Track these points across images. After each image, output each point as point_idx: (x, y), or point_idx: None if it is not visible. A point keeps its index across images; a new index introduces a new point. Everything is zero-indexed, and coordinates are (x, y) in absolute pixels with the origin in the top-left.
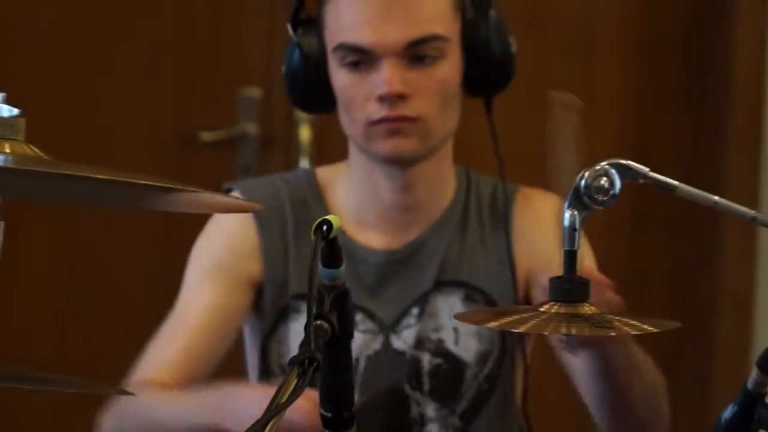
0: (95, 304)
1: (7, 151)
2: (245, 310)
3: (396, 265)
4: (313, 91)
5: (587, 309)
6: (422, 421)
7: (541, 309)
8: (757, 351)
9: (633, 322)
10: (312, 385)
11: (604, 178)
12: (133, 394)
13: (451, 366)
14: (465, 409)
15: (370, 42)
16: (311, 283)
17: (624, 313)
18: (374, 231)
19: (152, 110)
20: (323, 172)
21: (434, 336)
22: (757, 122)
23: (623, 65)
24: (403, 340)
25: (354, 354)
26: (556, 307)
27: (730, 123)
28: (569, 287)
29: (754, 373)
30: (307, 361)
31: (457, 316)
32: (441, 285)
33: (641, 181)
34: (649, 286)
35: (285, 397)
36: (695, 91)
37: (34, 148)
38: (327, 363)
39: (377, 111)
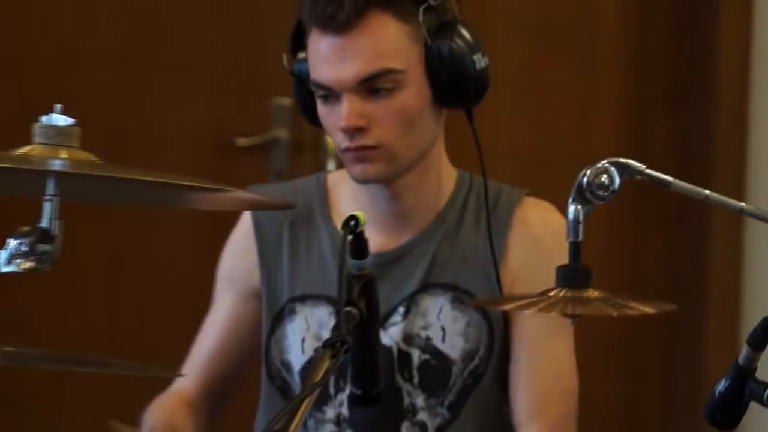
0: (143, 298)
1: (64, 156)
2: (254, 319)
3: (386, 266)
4: (311, 111)
5: (591, 293)
6: (413, 410)
7: (550, 294)
8: (745, 332)
9: (633, 304)
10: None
11: (605, 176)
12: (181, 376)
13: (438, 362)
14: (452, 401)
15: (328, 79)
16: (341, 272)
17: (625, 297)
18: (370, 233)
19: (193, 119)
20: (332, 177)
21: (423, 333)
22: (741, 122)
23: (619, 72)
24: (390, 336)
25: None
26: (563, 292)
27: (717, 123)
28: (574, 275)
29: (744, 350)
30: (338, 344)
31: (474, 304)
32: (428, 287)
33: (638, 177)
34: (645, 276)
35: (319, 376)
36: (685, 95)
37: (88, 153)
38: (356, 345)
39: (342, 141)
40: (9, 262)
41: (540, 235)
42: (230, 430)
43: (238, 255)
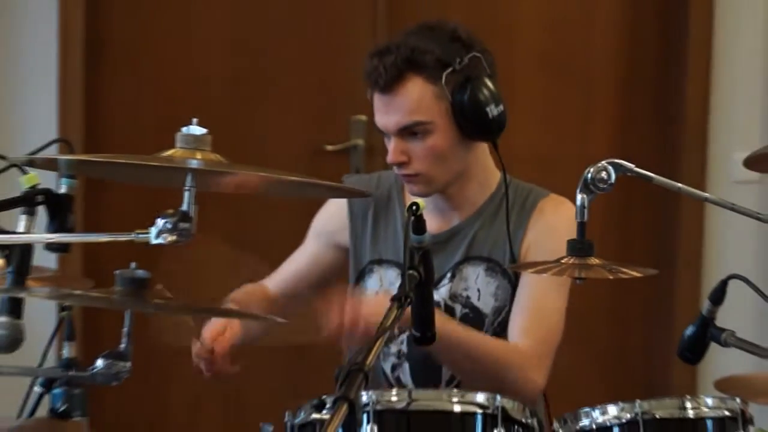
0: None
1: (199, 157)
2: (328, 264)
3: (439, 243)
4: None
5: (592, 261)
6: None
7: (562, 261)
8: (706, 291)
9: (625, 269)
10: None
11: (604, 172)
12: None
13: (474, 315)
14: None
15: (380, 125)
16: (406, 245)
17: (618, 264)
18: (429, 218)
19: (293, 129)
20: None
21: (464, 293)
22: (703, 133)
23: (611, 93)
24: (439, 294)
25: None
26: (572, 260)
27: (685, 134)
28: (580, 246)
29: (706, 304)
30: (403, 298)
31: (510, 268)
32: (469, 259)
33: (629, 174)
34: (631, 248)
35: (389, 323)
36: (662, 112)
37: (216, 155)
38: (416, 299)
39: (396, 169)
40: (158, 236)
41: (550, 219)
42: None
43: (331, 217)
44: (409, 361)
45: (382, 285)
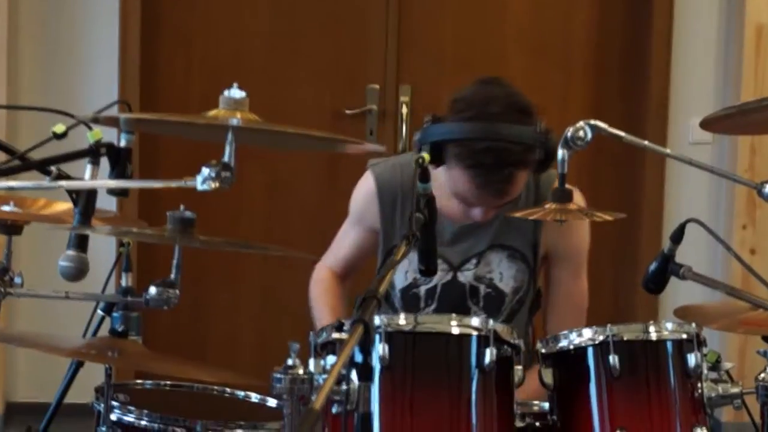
0: (286, 209)
1: (239, 116)
2: (370, 244)
3: (465, 233)
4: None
5: (571, 206)
6: None
7: (546, 207)
8: (667, 232)
9: (598, 213)
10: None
11: (582, 131)
12: (315, 257)
13: (496, 294)
14: (504, 319)
15: (476, 203)
16: (414, 190)
17: (592, 209)
18: (456, 208)
19: (320, 96)
20: None
21: (488, 276)
22: (664, 103)
23: (587, 73)
24: (465, 276)
25: (434, 281)
26: (554, 206)
27: (648, 103)
28: (561, 194)
29: (668, 243)
30: (411, 236)
31: (507, 215)
32: (493, 247)
33: (602, 133)
34: (603, 198)
35: (398, 256)
36: (628, 89)
37: (254, 115)
38: (422, 237)
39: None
40: (203, 183)
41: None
42: None
43: (366, 205)
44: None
45: (411, 264)
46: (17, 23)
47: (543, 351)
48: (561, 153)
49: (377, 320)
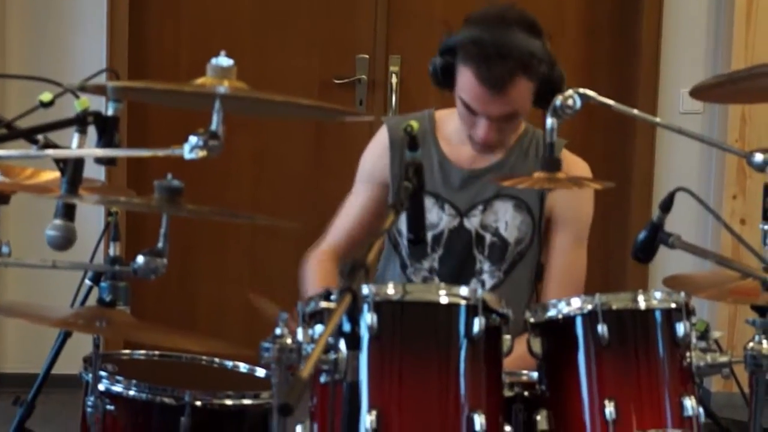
0: (274, 178)
1: (226, 85)
2: (382, 200)
3: (473, 178)
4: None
5: (560, 175)
6: (481, 271)
7: (535, 175)
8: (656, 202)
9: (587, 182)
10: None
11: (570, 99)
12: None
13: (501, 242)
14: (506, 268)
15: (479, 111)
16: (401, 160)
17: (581, 178)
18: (466, 154)
19: (309, 66)
20: (440, 113)
21: (494, 224)
22: (655, 72)
23: (579, 45)
24: (471, 223)
25: (441, 227)
26: (543, 174)
27: (639, 72)
28: (549, 162)
29: (657, 212)
30: (398, 205)
31: (496, 179)
32: (499, 195)
33: (591, 101)
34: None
35: (386, 225)
36: (620, 54)
37: (241, 83)
38: (410, 206)
39: (476, 136)
40: (190, 151)
41: (572, 168)
42: None
43: (377, 159)
44: (439, 276)
45: None
46: None
47: (532, 320)
48: (550, 121)
49: (365, 289)
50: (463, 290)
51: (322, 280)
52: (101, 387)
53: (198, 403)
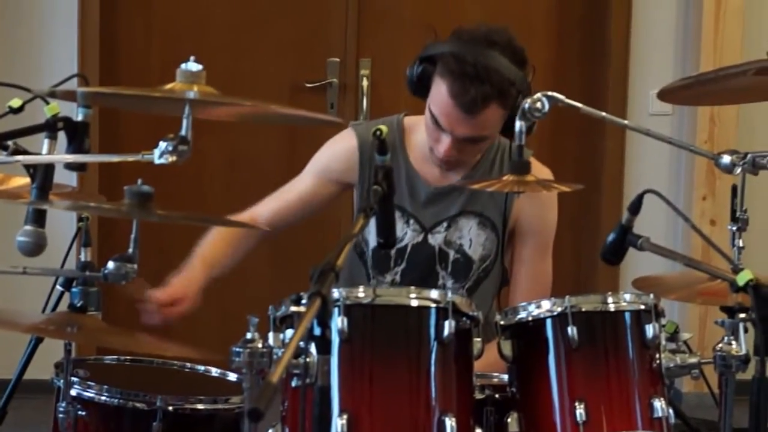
0: (248, 182)
1: (195, 90)
2: (324, 197)
3: (439, 195)
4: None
5: (530, 178)
6: (444, 287)
7: (503, 178)
8: (625, 205)
9: (556, 184)
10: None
11: (539, 102)
12: (268, 229)
13: (465, 260)
14: (469, 286)
15: (447, 127)
16: (370, 165)
17: (550, 180)
18: (432, 172)
19: (281, 69)
20: (408, 120)
21: (458, 241)
22: (624, 74)
23: (549, 47)
24: (435, 239)
25: (405, 241)
26: (512, 177)
27: (608, 74)
28: (518, 165)
29: (625, 214)
30: (368, 209)
31: (458, 184)
32: (463, 213)
33: (560, 104)
34: (563, 169)
35: (356, 229)
36: (589, 56)
37: (211, 88)
38: (380, 210)
39: (437, 152)
40: (160, 156)
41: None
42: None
43: (338, 157)
44: None
45: None
46: None
47: (502, 323)
48: (518, 125)
49: (336, 293)
50: (434, 293)
51: (215, 237)
52: (73, 392)
53: (170, 407)
